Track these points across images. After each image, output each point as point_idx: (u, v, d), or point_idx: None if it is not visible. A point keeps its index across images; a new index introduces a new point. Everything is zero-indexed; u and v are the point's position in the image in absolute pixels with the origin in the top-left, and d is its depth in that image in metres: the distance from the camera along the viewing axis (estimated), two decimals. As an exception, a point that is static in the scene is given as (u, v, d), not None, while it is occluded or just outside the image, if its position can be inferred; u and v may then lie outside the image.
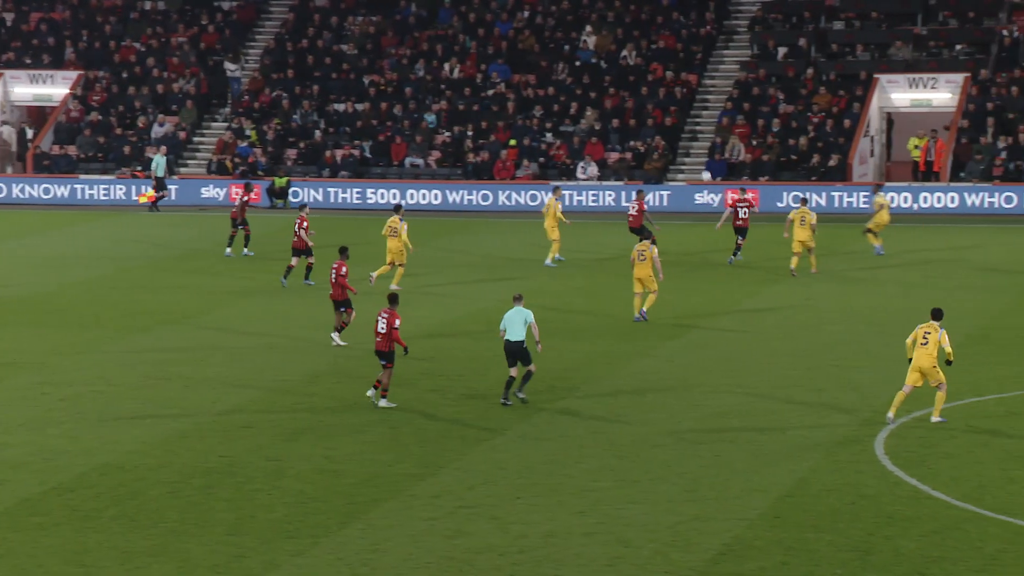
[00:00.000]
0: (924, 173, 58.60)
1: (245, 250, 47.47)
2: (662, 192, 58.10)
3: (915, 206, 56.24)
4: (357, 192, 60.02)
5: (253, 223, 48.62)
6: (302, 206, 43.60)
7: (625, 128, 61.62)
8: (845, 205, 56.84)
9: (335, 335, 34.49)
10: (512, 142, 61.32)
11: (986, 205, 56.00)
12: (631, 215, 46.53)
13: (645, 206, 47.00)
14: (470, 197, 59.40)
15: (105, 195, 61.26)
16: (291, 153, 62.36)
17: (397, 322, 28.86)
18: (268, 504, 23.36)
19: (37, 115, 66.56)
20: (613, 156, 60.89)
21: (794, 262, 43.16)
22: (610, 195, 58.48)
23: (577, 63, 64.17)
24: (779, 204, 56.87)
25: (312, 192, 59.93)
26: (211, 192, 60.87)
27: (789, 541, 21.67)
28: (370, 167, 61.96)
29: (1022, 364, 32.46)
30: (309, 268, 41.94)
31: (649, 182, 59.02)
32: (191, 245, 50.43)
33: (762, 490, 23.99)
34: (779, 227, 46.36)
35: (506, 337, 28.92)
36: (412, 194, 59.37)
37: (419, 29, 66.85)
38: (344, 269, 34.33)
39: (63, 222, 55.69)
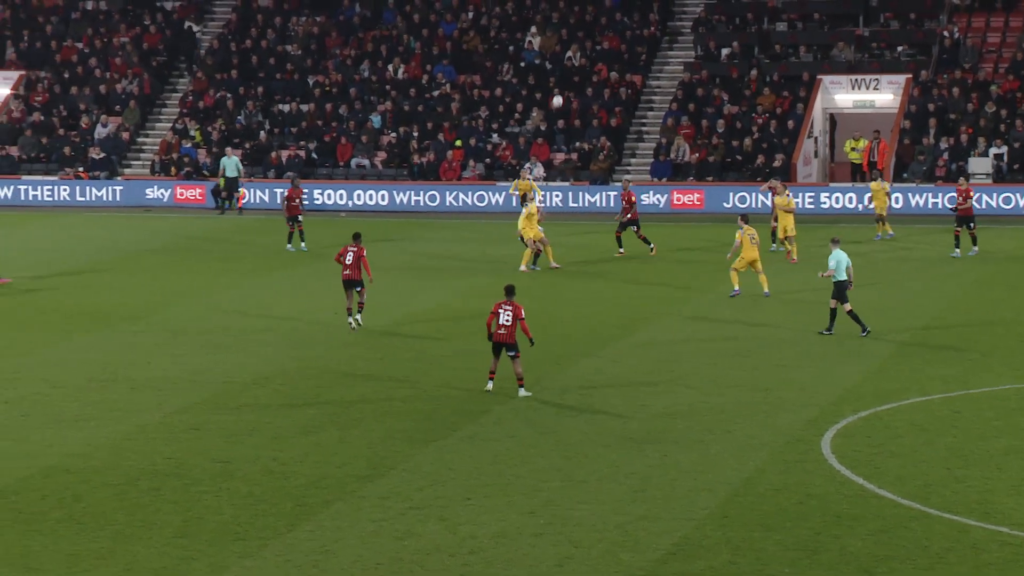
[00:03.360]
0: (866, 174, 58.96)
1: (302, 245, 48.04)
2: (609, 192, 58.20)
3: (860, 207, 56.54)
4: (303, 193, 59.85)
5: (198, 224, 48.39)
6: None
7: (571, 129, 61.71)
8: (793, 206, 57.03)
9: (358, 316, 35.63)
10: (458, 143, 61.32)
11: (929, 205, 56.39)
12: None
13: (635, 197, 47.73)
14: (417, 198, 59.34)
15: (49, 196, 60.86)
16: (236, 154, 62.15)
17: (523, 312, 29.70)
18: (216, 506, 23.26)
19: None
20: (559, 157, 60.97)
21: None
22: (557, 196, 58.54)
23: (522, 64, 64.23)
24: (725, 205, 57.10)
25: (258, 193, 59.73)
26: (155, 193, 60.57)
27: (737, 540, 21.75)
28: (316, 168, 61.81)
29: (965, 364, 32.71)
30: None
31: (595, 183, 59.14)
32: (134, 247, 50.15)
33: (709, 489, 24.06)
34: (724, 227, 46.50)
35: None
36: (359, 195, 59.25)
37: (363, 29, 66.75)
38: (364, 252, 35.93)
39: (5, 223, 55.26)
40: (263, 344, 34.80)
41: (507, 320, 29.55)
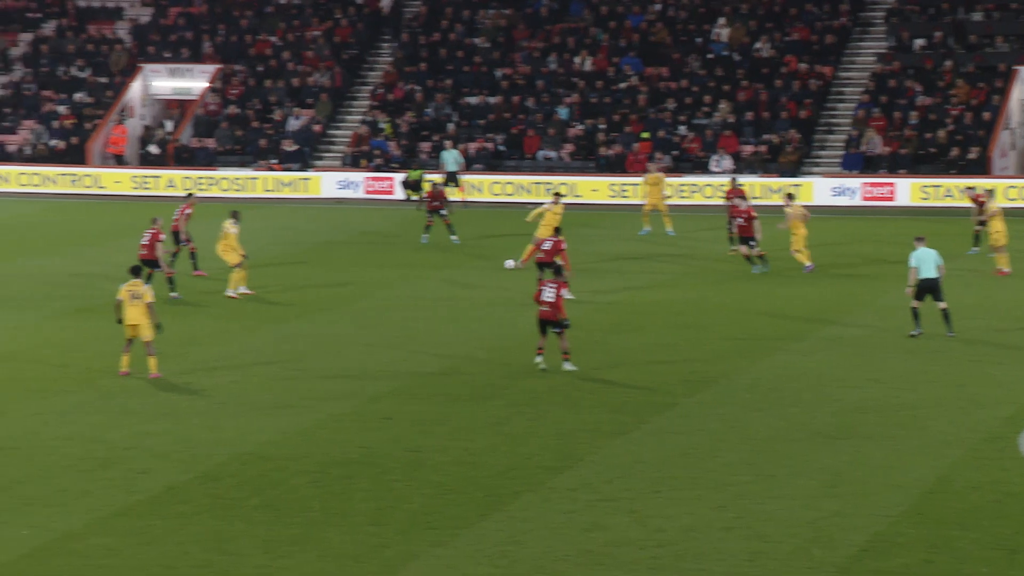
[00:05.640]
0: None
1: (453, 238, 48.53)
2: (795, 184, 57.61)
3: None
4: (491, 184, 60.19)
5: (388, 215, 48.94)
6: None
7: (759, 121, 61.20)
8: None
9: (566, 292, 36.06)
10: (645, 135, 61.17)
11: None
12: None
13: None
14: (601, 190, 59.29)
15: (243, 188, 61.96)
16: (425, 146, 62.69)
17: (564, 291, 30.79)
18: (407, 495, 23.50)
19: (178, 108, 67.51)
20: (747, 149, 60.51)
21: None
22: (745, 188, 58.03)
23: (710, 56, 63.85)
24: (922, 198, 56.21)
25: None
26: (347, 185, 61.33)
27: (932, 539, 21.40)
28: (503, 160, 62.12)
29: None
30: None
31: (784, 175, 58.59)
32: (326, 238, 50.86)
33: (903, 486, 23.71)
34: (916, 222, 45.78)
35: None
36: (548, 186, 59.45)
37: (551, 22, 66.87)
38: (564, 245, 37.01)
39: (204, 215, 56.35)
40: (453, 335, 35.08)
41: (550, 297, 30.33)
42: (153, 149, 64.45)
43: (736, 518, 22.34)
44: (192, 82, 66.82)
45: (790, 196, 43.79)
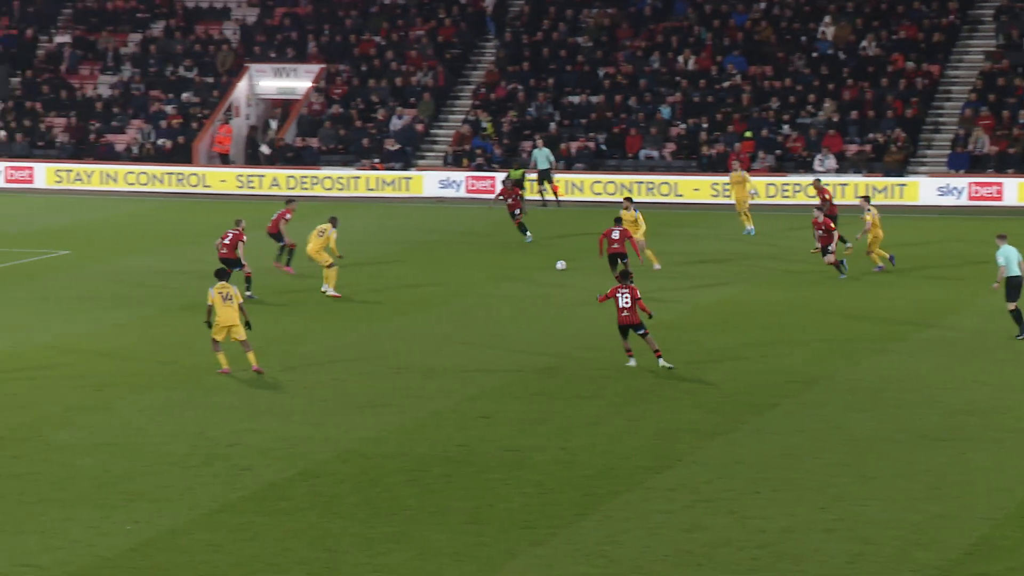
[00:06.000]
0: None
1: (527, 235, 48.65)
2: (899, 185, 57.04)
3: None
4: (592, 184, 60.15)
5: (489, 215, 48.96)
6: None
7: (864, 120, 60.67)
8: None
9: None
10: (748, 134, 60.85)
11: None
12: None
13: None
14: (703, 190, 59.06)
15: (346, 186, 62.36)
16: (526, 145, 62.77)
17: (638, 293, 31.38)
18: (506, 494, 23.54)
19: (283, 108, 68.07)
20: (852, 148, 60.02)
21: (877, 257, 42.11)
22: (845, 187, 57.59)
23: (815, 54, 63.38)
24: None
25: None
26: (449, 184, 61.53)
27: (1037, 543, 21.14)
28: (605, 159, 62.05)
29: None
30: None
31: (889, 174, 58.03)
32: (427, 237, 51.05)
33: (1007, 489, 23.42)
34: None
35: None
36: (650, 185, 59.30)
37: (655, 21, 66.70)
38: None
39: (305, 213, 56.76)
40: (551, 334, 35.09)
41: (627, 303, 31.01)
42: (264, 149, 65.02)
43: (837, 520, 22.17)
44: (296, 82, 67.36)
45: (866, 199, 43.36)
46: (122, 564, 20.74)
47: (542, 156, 58.48)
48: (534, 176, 58.16)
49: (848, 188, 57.33)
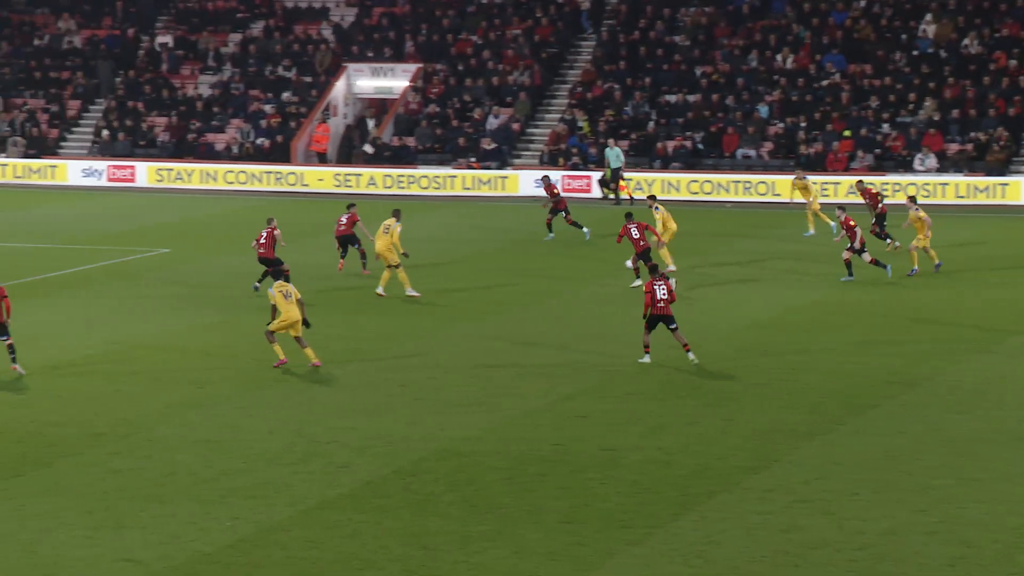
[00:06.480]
0: None
1: (584, 231, 48.73)
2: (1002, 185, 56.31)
3: None
4: (689, 183, 59.92)
5: (585, 214, 48.89)
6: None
7: (966, 118, 59.98)
8: None
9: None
10: (846, 133, 60.35)
11: None
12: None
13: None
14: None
15: (441, 185, 62.55)
16: (622, 144, 62.64)
17: (673, 285, 31.90)
18: (601, 493, 23.49)
19: (379, 107, 68.40)
20: (952, 147, 59.35)
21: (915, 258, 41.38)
22: (950, 188, 57.01)
23: (915, 52, 62.75)
24: None
25: (645, 183, 60.09)
26: (539, 182, 61.46)
27: None
28: (702, 159, 61.80)
29: None
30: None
31: (991, 174, 57.34)
32: (522, 235, 51.03)
33: (1113, 494, 23.06)
34: None
35: None
36: (747, 185, 58.98)
37: (752, 19, 66.34)
38: None
39: (410, 211, 56.96)
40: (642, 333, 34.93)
41: (664, 295, 31.15)
42: (368, 148, 65.36)
43: (938, 522, 21.92)
44: (394, 81, 67.64)
45: (912, 199, 42.78)
46: (222, 560, 20.91)
47: (613, 155, 58.52)
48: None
49: (949, 188, 56.74)
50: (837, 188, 57.59)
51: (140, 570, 20.55)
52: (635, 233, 39.54)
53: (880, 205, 45.12)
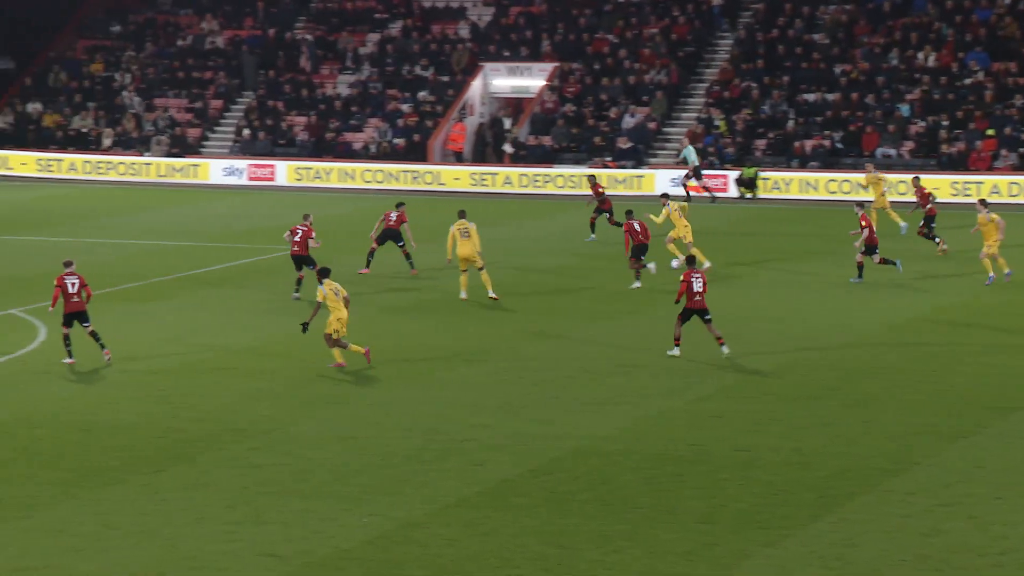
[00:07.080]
0: None
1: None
2: None
3: None
4: (828, 182, 59.36)
5: (721, 213, 48.55)
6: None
7: (1112, 117, 58.85)
8: None
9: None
10: (990, 132, 59.41)
11: None
12: None
13: None
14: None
15: (578, 184, 62.55)
16: (760, 144, 62.22)
17: (706, 278, 32.11)
18: (737, 494, 23.34)
19: (514, 106, 68.57)
20: (1098, 146, 58.26)
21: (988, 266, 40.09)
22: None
23: (1061, 49, 61.67)
24: None
25: (782, 183, 59.63)
26: (680, 182, 61.22)
27: None
28: (841, 158, 61.17)
29: None
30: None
31: None
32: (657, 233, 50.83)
33: None
34: None
35: None
36: (887, 184, 58.24)
37: (894, 17, 65.56)
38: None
39: (540, 211, 57.13)
40: (778, 333, 34.69)
41: (700, 288, 31.42)
42: (508, 148, 65.56)
43: (1083, 529, 21.52)
44: (530, 80, 67.76)
45: (983, 202, 41.82)
46: (360, 556, 21.07)
47: (691, 153, 58.18)
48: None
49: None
50: (980, 187, 56.74)
51: (281, 565, 20.78)
52: (637, 227, 39.92)
53: (929, 206, 44.67)
